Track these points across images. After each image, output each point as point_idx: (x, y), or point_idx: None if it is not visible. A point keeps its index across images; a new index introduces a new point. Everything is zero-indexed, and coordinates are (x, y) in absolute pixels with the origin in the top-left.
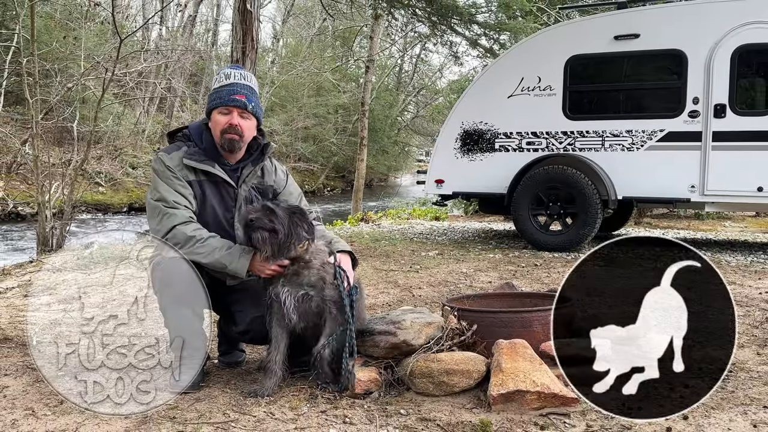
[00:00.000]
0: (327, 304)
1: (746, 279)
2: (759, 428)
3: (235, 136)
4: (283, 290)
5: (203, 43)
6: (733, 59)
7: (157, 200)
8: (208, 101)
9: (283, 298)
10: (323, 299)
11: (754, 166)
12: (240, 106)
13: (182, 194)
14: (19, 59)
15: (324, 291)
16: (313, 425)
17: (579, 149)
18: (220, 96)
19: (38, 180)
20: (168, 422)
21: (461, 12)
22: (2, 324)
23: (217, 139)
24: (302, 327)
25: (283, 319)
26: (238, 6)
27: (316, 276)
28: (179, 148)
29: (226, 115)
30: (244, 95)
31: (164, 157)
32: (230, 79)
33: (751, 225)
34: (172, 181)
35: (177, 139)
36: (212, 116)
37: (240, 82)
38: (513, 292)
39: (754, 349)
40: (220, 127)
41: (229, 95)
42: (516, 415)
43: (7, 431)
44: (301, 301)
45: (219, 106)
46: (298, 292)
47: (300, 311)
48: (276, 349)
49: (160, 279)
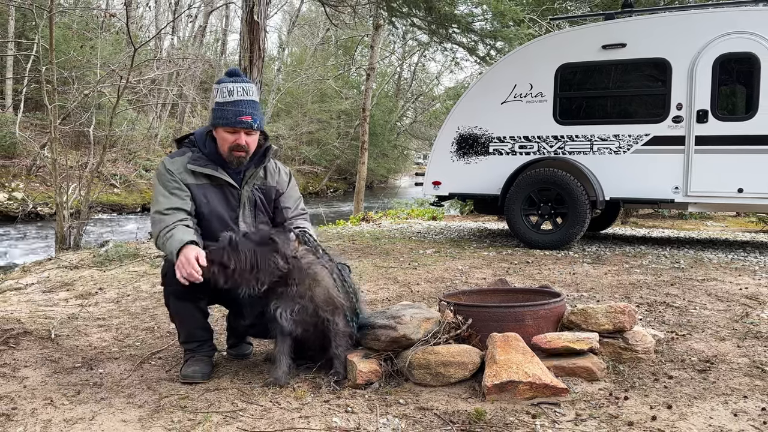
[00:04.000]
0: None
1: (727, 275)
2: (739, 417)
3: (242, 153)
4: (277, 310)
5: (213, 52)
6: (714, 67)
7: (155, 211)
8: (214, 115)
9: (278, 314)
10: (316, 306)
11: (734, 168)
12: (245, 126)
13: (177, 196)
14: (38, 67)
15: (314, 300)
16: (317, 414)
17: (569, 153)
18: (225, 116)
19: (56, 182)
20: (179, 411)
21: (459, 20)
22: (22, 318)
23: (225, 154)
24: (301, 332)
25: (284, 330)
26: (246, 17)
27: (303, 288)
28: (183, 153)
29: (233, 134)
30: (249, 116)
31: (167, 162)
32: (234, 96)
33: (732, 224)
34: (168, 184)
35: (184, 145)
36: (218, 131)
37: (244, 99)
38: (506, 288)
39: (735, 342)
40: (227, 144)
41: (236, 117)
42: (509, 404)
43: (27, 420)
44: (297, 313)
45: (226, 126)
46: (294, 307)
47: (297, 321)
48: (282, 342)
49: (164, 275)
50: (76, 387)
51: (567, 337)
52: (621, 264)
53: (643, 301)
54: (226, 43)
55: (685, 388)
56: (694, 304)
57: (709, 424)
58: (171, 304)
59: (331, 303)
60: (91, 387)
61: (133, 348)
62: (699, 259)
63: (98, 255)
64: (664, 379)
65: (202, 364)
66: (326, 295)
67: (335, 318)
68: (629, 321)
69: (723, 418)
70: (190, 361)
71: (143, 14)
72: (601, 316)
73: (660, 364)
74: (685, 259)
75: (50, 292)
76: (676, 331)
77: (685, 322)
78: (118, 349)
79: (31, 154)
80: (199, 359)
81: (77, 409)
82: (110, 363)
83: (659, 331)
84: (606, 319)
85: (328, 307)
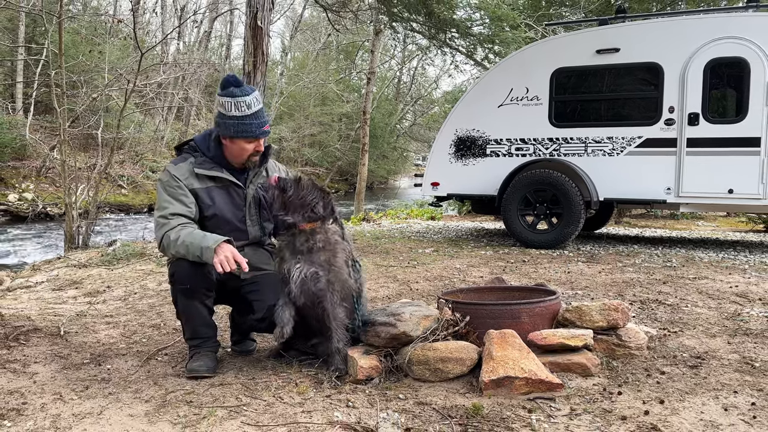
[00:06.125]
0: (330, 291)
1: (718, 274)
2: (729, 411)
3: (257, 157)
4: (294, 266)
5: (217, 56)
6: (705, 71)
7: (159, 216)
8: (232, 128)
9: (292, 273)
10: (328, 282)
11: (725, 169)
12: (267, 135)
13: (182, 201)
14: (48, 71)
15: (330, 273)
16: (319, 408)
17: (564, 154)
18: (249, 130)
19: (65, 183)
20: (185, 406)
21: (458, 25)
22: (32, 315)
23: (242, 161)
24: (302, 304)
25: (289, 293)
26: (250, 23)
27: (324, 257)
28: (185, 159)
29: (253, 142)
30: (267, 124)
31: (171, 168)
32: (251, 109)
33: (723, 224)
34: (174, 190)
35: (184, 152)
36: (237, 143)
37: (260, 110)
38: (503, 286)
39: (725, 339)
40: (246, 153)
41: (260, 129)
42: (505, 399)
43: (37, 414)
44: (310, 278)
45: (248, 137)
46: (309, 269)
47: (305, 289)
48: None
49: (172, 274)
50: (85, 382)
51: (562, 334)
52: (615, 263)
53: (636, 299)
54: (230, 48)
55: (676, 384)
56: (685, 302)
57: (700, 418)
58: (179, 302)
59: (343, 286)
60: (99, 382)
61: (140, 344)
62: (690, 258)
63: (106, 254)
64: (656, 375)
65: (207, 359)
66: (342, 276)
67: (340, 306)
68: (623, 318)
69: (714, 413)
70: (195, 356)
71: (150, 20)
72: (596, 313)
73: (652, 360)
74: (677, 258)
75: (59, 290)
76: (668, 328)
77: (677, 320)
78: (125, 346)
79: (40, 156)
80: (204, 354)
81: (86, 403)
82: (118, 359)
83: (652, 328)
84: (600, 316)
85: (338, 287)
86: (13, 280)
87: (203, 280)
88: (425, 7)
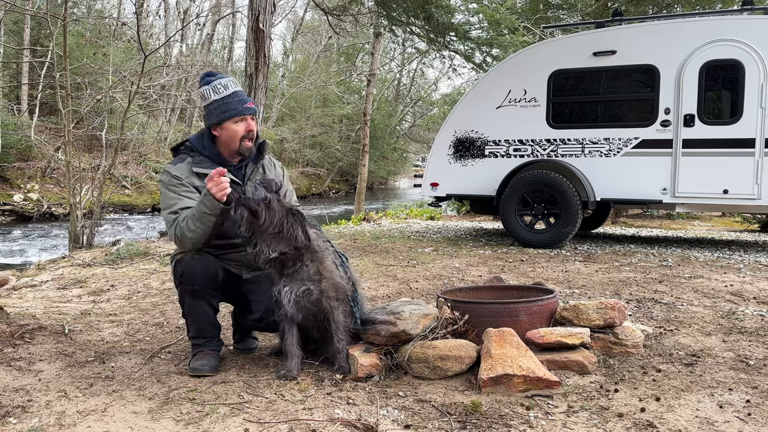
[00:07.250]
0: (326, 299)
1: (713, 273)
2: (724, 408)
3: (250, 142)
4: (283, 289)
5: (220, 59)
6: (701, 73)
7: (169, 212)
8: (215, 113)
9: (283, 295)
10: (321, 292)
11: (720, 170)
12: (253, 112)
13: (188, 197)
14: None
15: (321, 284)
16: (320, 405)
17: (561, 155)
18: (231, 108)
19: (70, 183)
20: (188, 403)
21: (456, 29)
22: (37, 314)
23: (236, 147)
24: (302, 319)
25: (286, 314)
26: (252, 25)
27: (313, 269)
28: (183, 159)
29: (242, 122)
30: (251, 101)
31: (171, 169)
32: (229, 89)
33: (718, 224)
34: (177, 188)
35: (181, 152)
36: (226, 127)
37: (240, 90)
38: (501, 285)
39: (720, 337)
40: (239, 135)
41: (242, 105)
42: (504, 396)
43: (42, 411)
44: (302, 296)
45: (235, 116)
46: (300, 288)
47: (300, 306)
48: (289, 332)
49: (179, 274)
50: (89, 380)
51: (560, 332)
52: (611, 262)
53: (632, 298)
54: (232, 51)
55: (672, 381)
56: (681, 301)
57: (696, 415)
58: (186, 302)
59: (337, 290)
60: (103, 380)
61: (144, 342)
62: (686, 258)
63: (110, 253)
64: (652, 373)
65: (210, 358)
66: (334, 282)
67: (339, 309)
68: (619, 317)
69: (709, 410)
70: (198, 355)
71: (153, 23)
72: (593, 312)
73: (649, 358)
74: (673, 258)
75: (64, 288)
76: (664, 326)
77: (673, 318)
78: (129, 344)
79: (45, 157)
80: (207, 353)
81: (90, 401)
82: (121, 357)
83: (648, 327)
84: (597, 314)
85: (333, 293)
86: (18, 279)
87: (210, 281)
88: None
